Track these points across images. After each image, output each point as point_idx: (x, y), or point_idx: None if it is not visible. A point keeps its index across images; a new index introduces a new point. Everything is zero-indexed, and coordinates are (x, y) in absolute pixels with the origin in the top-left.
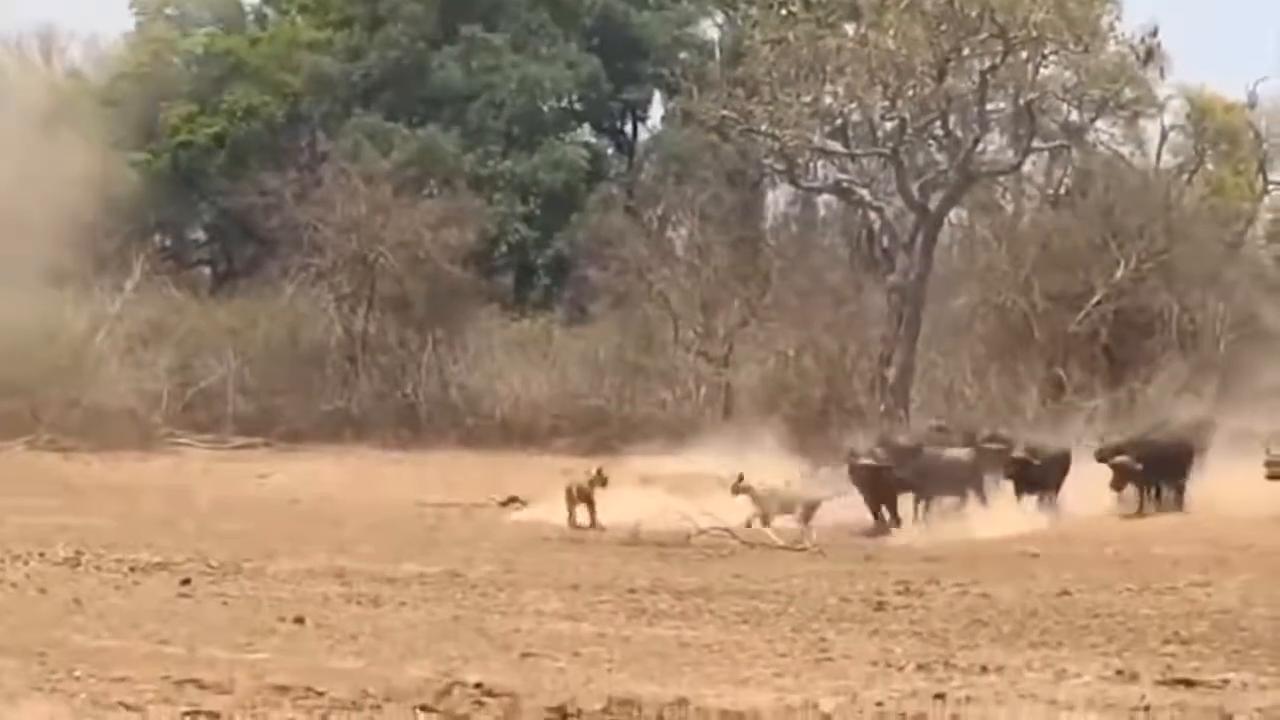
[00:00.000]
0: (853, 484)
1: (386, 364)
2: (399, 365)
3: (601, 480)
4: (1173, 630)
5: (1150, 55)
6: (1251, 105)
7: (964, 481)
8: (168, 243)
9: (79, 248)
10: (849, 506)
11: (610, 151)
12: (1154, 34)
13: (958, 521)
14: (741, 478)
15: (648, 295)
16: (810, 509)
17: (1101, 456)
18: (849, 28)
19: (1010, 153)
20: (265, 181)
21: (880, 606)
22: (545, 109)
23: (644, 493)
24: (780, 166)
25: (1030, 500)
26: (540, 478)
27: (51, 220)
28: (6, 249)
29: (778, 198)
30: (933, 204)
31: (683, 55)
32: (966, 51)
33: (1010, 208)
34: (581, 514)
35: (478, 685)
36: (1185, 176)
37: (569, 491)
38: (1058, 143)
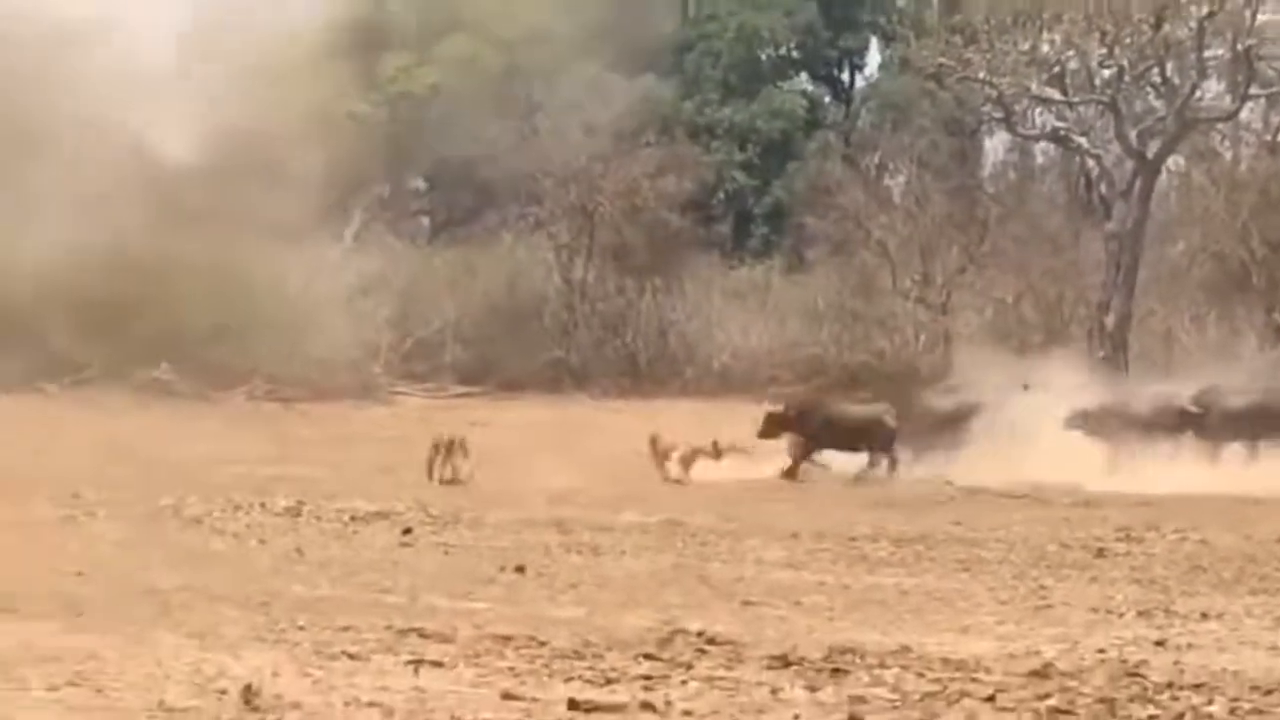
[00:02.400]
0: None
1: (605, 313)
2: (618, 314)
3: (716, 453)
4: None
5: None
6: None
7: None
8: (386, 193)
9: (299, 198)
10: None
11: (827, 99)
12: None
13: (1174, 468)
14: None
15: (865, 243)
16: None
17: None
18: None
19: (1228, 99)
20: (484, 131)
21: (1100, 553)
22: (763, 57)
23: None
24: (998, 114)
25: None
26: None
27: (272, 171)
28: (227, 200)
29: (995, 145)
30: (1150, 151)
31: (900, 2)
32: None
33: (1228, 154)
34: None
35: (699, 633)
36: None
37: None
38: (1276, 89)
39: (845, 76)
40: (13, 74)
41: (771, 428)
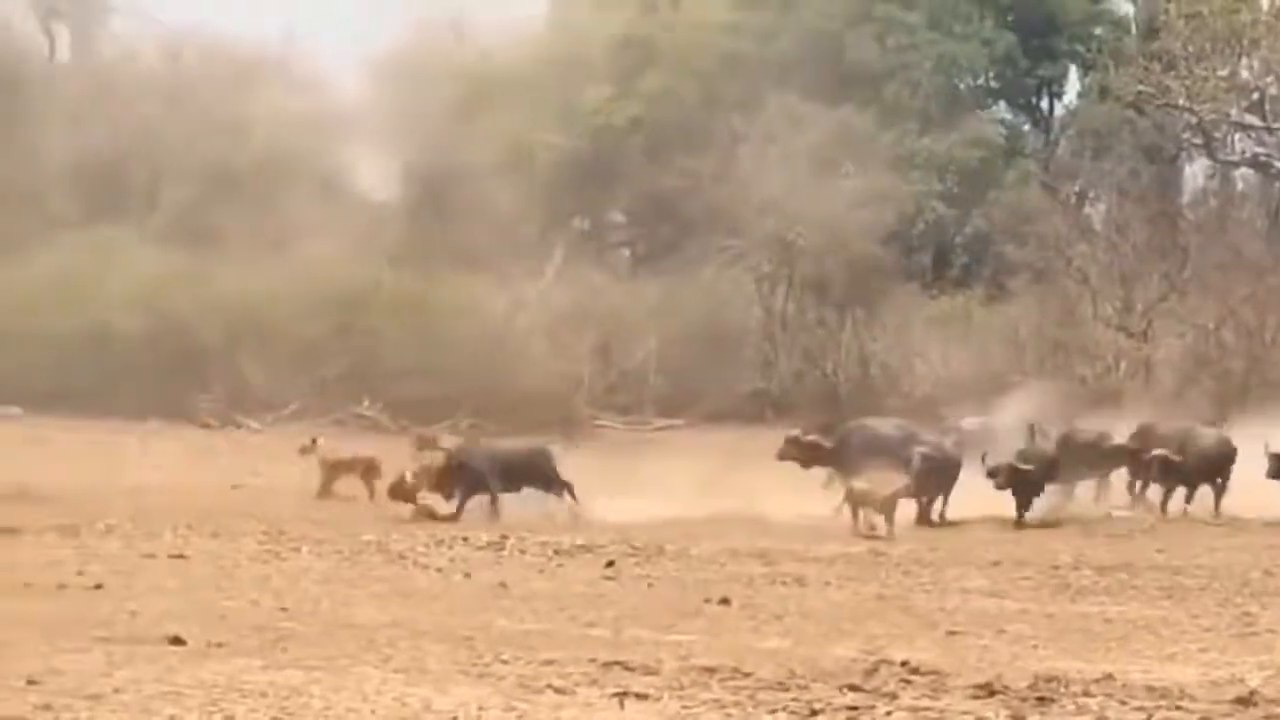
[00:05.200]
0: None
1: (806, 344)
2: (818, 345)
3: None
4: None
5: None
6: None
7: None
8: (586, 225)
9: (499, 232)
10: None
11: (1026, 128)
12: None
13: None
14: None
15: (1066, 271)
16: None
17: None
18: (1264, 1)
19: None
20: (683, 163)
21: None
22: (961, 86)
23: None
24: (1197, 140)
25: None
26: None
27: (471, 205)
28: (426, 235)
29: (1195, 172)
30: None
31: (1097, 30)
32: None
33: None
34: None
35: (903, 663)
36: None
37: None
38: None
39: (1044, 104)
40: (206, 113)
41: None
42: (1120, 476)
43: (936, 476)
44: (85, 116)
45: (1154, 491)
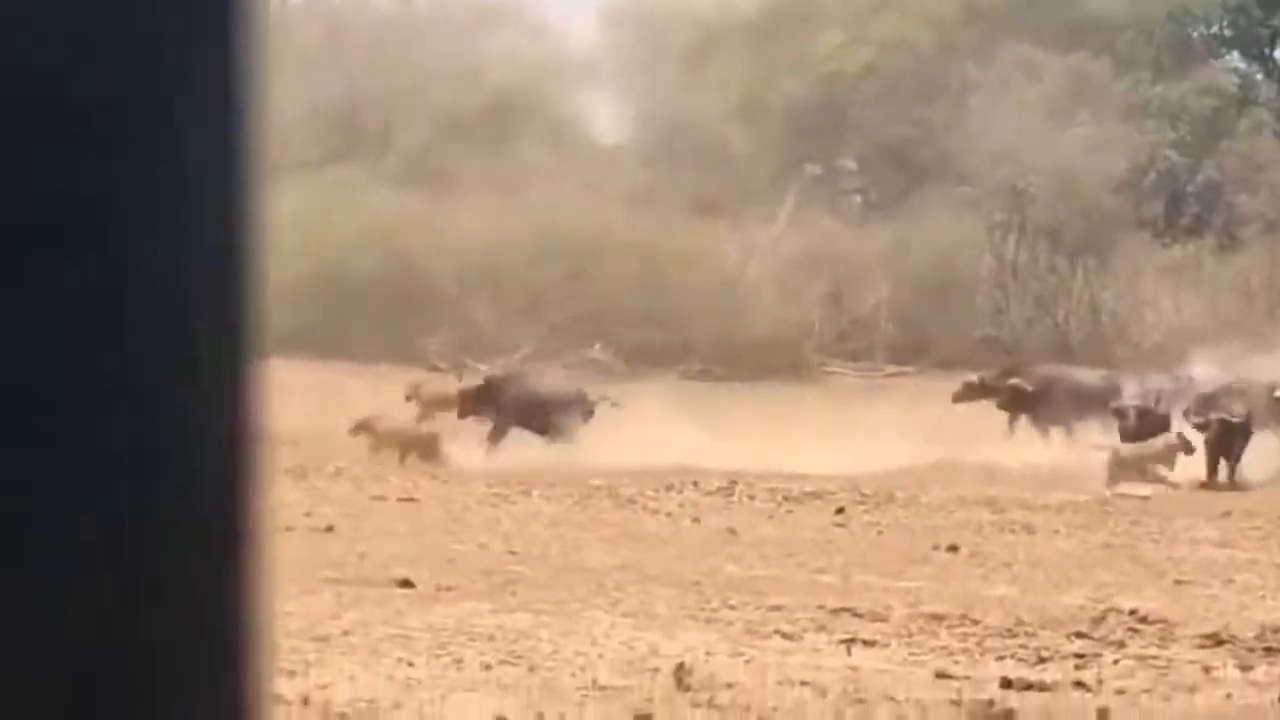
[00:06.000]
0: None
1: (1037, 291)
2: (1050, 293)
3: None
4: None
5: None
6: None
7: None
8: (818, 172)
9: (731, 179)
10: None
11: (1259, 77)
12: None
13: None
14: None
15: None
16: None
17: None
18: None
19: None
20: (916, 111)
21: None
22: (1194, 35)
23: None
24: None
25: None
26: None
27: (703, 151)
28: (658, 181)
29: None
30: None
31: None
32: None
33: None
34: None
35: (1131, 612)
36: None
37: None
38: None
39: (1278, 54)
40: (440, 56)
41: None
42: None
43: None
44: (318, 61)
45: None
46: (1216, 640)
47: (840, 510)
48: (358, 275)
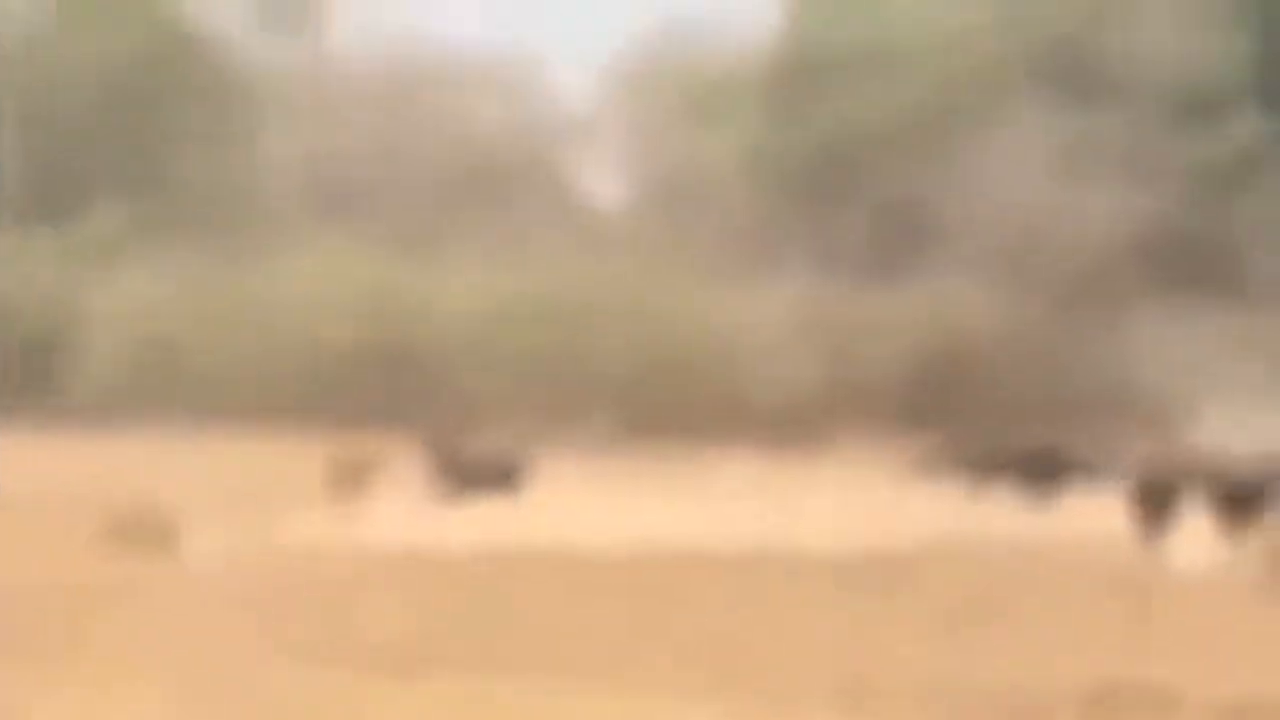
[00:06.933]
0: None
1: (1045, 353)
2: (1055, 354)
3: None
4: None
5: None
6: None
7: None
8: (820, 233)
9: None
10: None
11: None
12: None
13: None
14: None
15: None
16: None
17: None
18: None
19: None
20: (920, 171)
21: None
22: (1209, 90)
23: None
24: None
25: None
26: None
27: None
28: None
29: None
30: None
31: None
32: None
33: None
34: None
35: None
36: None
37: None
38: None
39: None
40: (434, 117)
41: None
42: None
43: None
44: (311, 126)
45: None
46: None
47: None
48: (351, 344)
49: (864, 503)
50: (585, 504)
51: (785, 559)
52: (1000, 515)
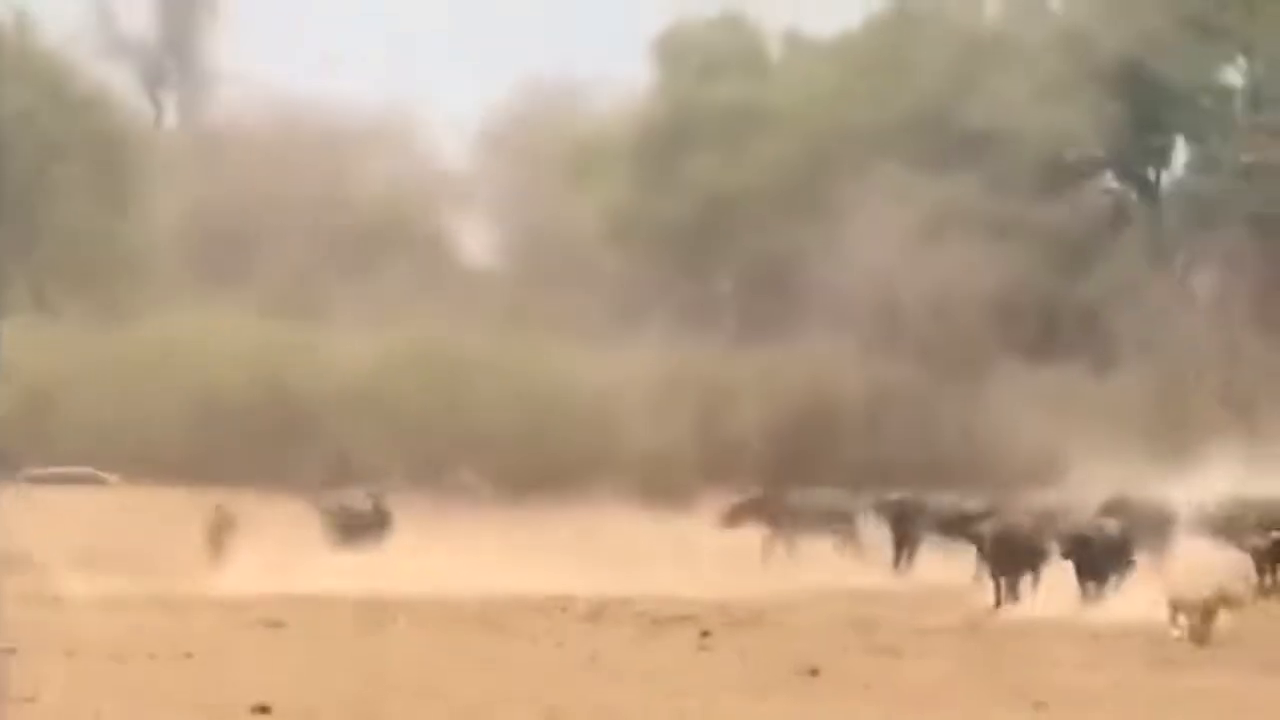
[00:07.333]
0: None
1: (909, 413)
2: (922, 415)
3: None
4: None
5: None
6: None
7: None
8: (692, 293)
9: (602, 300)
10: None
11: (1134, 197)
12: None
13: None
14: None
15: (1172, 342)
16: None
17: None
18: None
19: None
20: (790, 231)
21: None
22: (1068, 156)
23: None
24: None
25: None
26: None
27: (576, 272)
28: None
29: None
30: None
31: (1205, 101)
32: None
33: None
34: None
35: None
36: None
37: None
38: None
39: (1151, 174)
40: (316, 179)
41: None
42: None
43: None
44: (192, 183)
45: None
46: None
47: (705, 634)
48: (230, 400)
49: (726, 555)
50: (443, 554)
51: (648, 608)
52: (859, 570)
